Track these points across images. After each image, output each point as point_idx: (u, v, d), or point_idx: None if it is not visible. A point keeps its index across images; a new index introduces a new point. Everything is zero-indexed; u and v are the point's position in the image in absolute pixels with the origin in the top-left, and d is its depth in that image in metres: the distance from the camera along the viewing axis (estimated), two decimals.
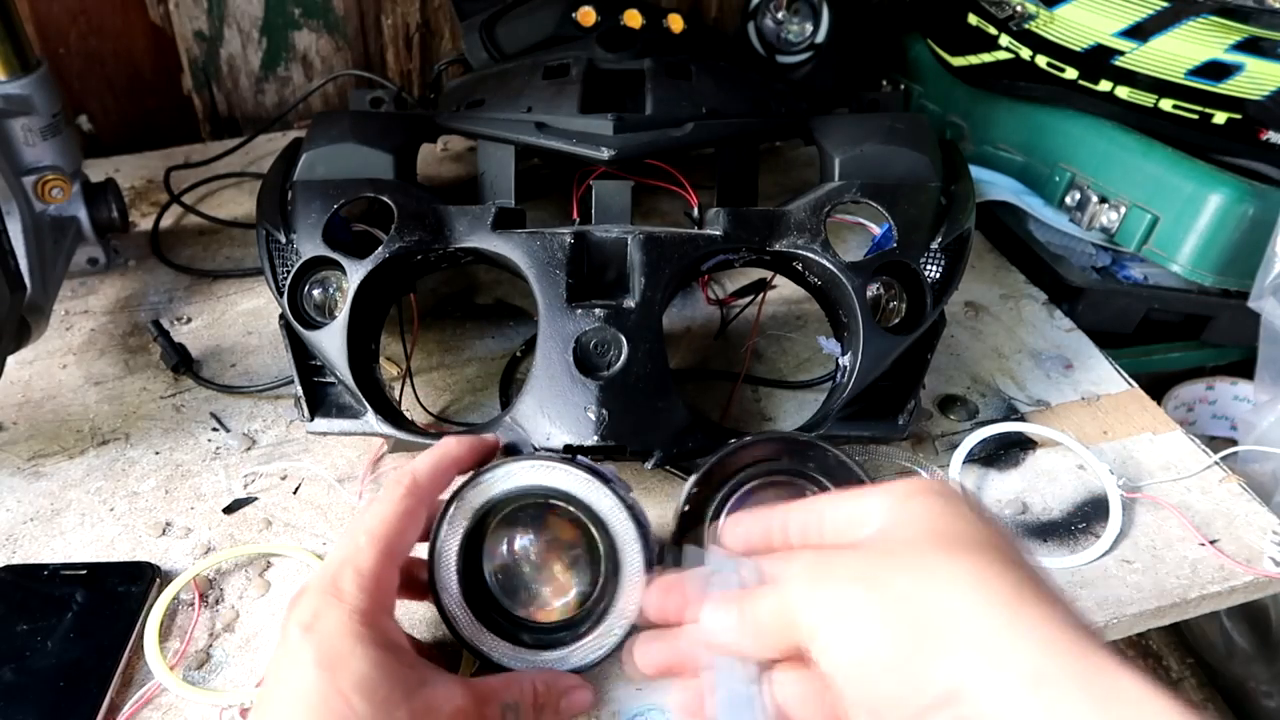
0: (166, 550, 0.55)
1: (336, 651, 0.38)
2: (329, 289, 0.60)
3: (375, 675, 0.37)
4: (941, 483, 0.37)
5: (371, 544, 0.41)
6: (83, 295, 0.76)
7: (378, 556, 0.41)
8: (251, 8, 0.94)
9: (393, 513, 0.42)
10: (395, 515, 0.42)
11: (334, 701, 0.36)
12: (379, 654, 0.38)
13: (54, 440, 0.63)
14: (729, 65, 0.76)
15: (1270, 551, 0.57)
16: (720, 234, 0.58)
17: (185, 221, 0.85)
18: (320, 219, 0.59)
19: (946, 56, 0.90)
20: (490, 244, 0.58)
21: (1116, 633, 0.54)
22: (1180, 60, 0.72)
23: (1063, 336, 0.74)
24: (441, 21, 1.00)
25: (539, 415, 0.53)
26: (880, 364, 0.57)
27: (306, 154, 0.63)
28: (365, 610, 0.39)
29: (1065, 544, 0.57)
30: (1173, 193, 0.73)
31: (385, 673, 0.38)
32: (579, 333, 0.54)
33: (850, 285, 0.57)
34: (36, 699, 0.46)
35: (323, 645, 0.38)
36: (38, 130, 0.70)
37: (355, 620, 0.38)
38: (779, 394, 0.67)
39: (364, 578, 0.40)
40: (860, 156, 0.63)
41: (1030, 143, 0.84)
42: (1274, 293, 0.69)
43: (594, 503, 0.45)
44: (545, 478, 0.45)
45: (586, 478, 0.45)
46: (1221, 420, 0.85)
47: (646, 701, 0.48)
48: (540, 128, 0.65)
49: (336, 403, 0.59)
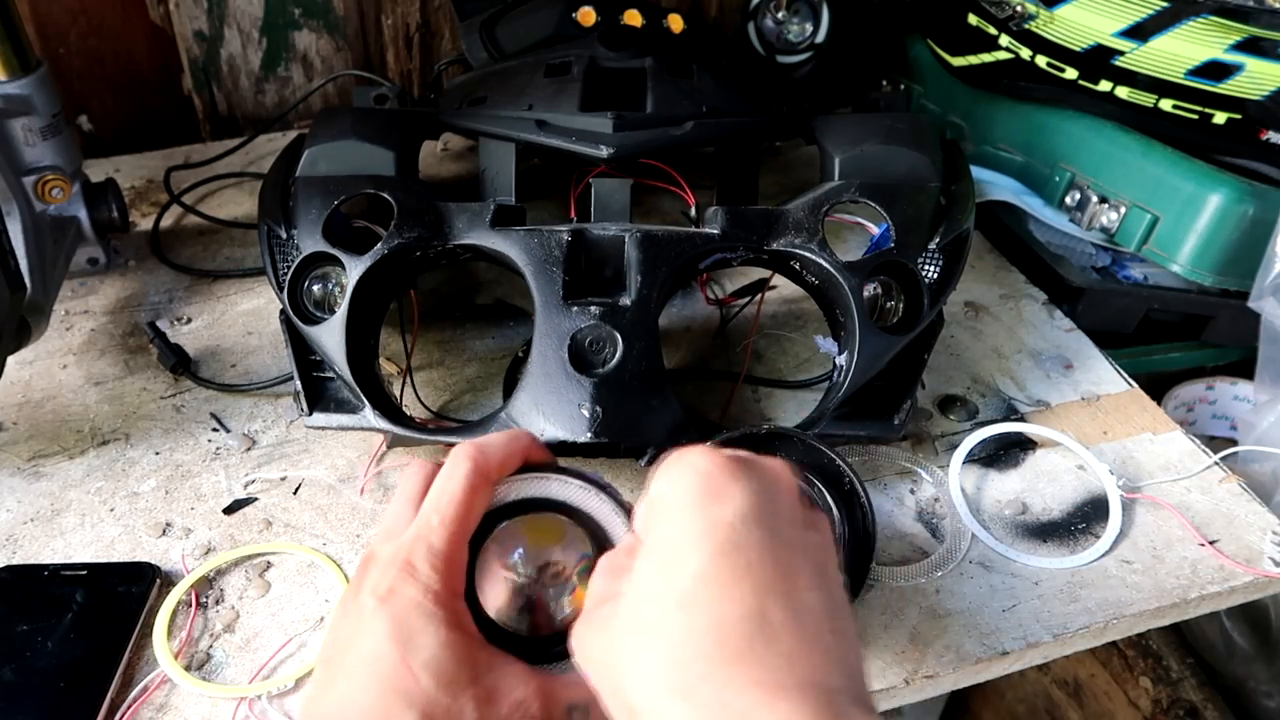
0: (166, 550, 0.55)
1: (410, 627, 0.38)
2: (329, 285, 0.60)
3: (444, 655, 0.37)
4: (680, 526, 0.34)
5: (443, 524, 0.41)
6: (83, 295, 0.76)
7: (449, 537, 0.40)
8: (252, 8, 0.94)
9: (463, 491, 0.41)
10: (465, 494, 0.41)
11: (403, 677, 0.36)
12: (450, 634, 0.38)
13: (54, 440, 0.63)
14: (730, 64, 0.76)
15: (1270, 551, 0.57)
16: (718, 233, 0.59)
17: (185, 221, 0.85)
18: (321, 215, 0.60)
19: (946, 56, 0.89)
20: (489, 241, 0.58)
21: (1116, 633, 0.54)
22: (1180, 60, 0.72)
23: (1063, 336, 0.74)
24: (441, 21, 1.00)
25: (534, 412, 0.53)
26: (876, 363, 0.57)
27: (309, 150, 0.64)
28: (438, 590, 0.39)
29: (1065, 544, 0.57)
30: (1173, 193, 0.73)
31: (454, 654, 0.38)
32: (575, 330, 0.54)
33: (847, 285, 0.57)
34: (36, 699, 0.46)
35: (397, 619, 0.38)
36: (38, 130, 0.70)
37: (429, 599, 0.38)
38: (779, 394, 0.68)
39: (437, 557, 0.40)
40: (860, 156, 0.63)
41: (1030, 143, 0.84)
42: (1274, 293, 0.69)
43: (592, 510, 0.44)
44: (539, 489, 0.44)
45: (581, 485, 0.44)
46: (1221, 420, 0.84)
47: None
48: (541, 125, 0.65)
49: (335, 398, 0.59)
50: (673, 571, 0.33)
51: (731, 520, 0.33)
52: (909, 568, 0.55)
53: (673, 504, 0.35)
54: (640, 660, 0.32)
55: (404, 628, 0.38)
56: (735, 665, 0.30)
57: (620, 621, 0.34)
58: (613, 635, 0.35)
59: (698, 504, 0.34)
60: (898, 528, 0.58)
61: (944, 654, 0.51)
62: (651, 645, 0.32)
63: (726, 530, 0.33)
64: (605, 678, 0.35)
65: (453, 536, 0.40)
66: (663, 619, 0.32)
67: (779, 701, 0.29)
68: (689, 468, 0.35)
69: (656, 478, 0.37)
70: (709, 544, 0.33)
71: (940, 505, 0.59)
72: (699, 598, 0.32)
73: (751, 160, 0.73)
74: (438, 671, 0.37)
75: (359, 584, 0.39)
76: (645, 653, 0.32)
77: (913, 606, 0.53)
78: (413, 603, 0.38)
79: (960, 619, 0.53)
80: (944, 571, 0.55)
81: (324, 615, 0.52)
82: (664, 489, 0.36)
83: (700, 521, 0.33)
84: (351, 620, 0.39)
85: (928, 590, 0.54)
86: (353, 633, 0.39)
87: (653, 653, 0.32)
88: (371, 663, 0.37)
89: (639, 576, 0.34)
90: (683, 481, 0.35)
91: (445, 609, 0.39)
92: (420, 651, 0.37)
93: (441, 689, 0.37)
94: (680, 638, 0.31)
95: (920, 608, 0.53)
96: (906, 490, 0.61)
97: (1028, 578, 0.55)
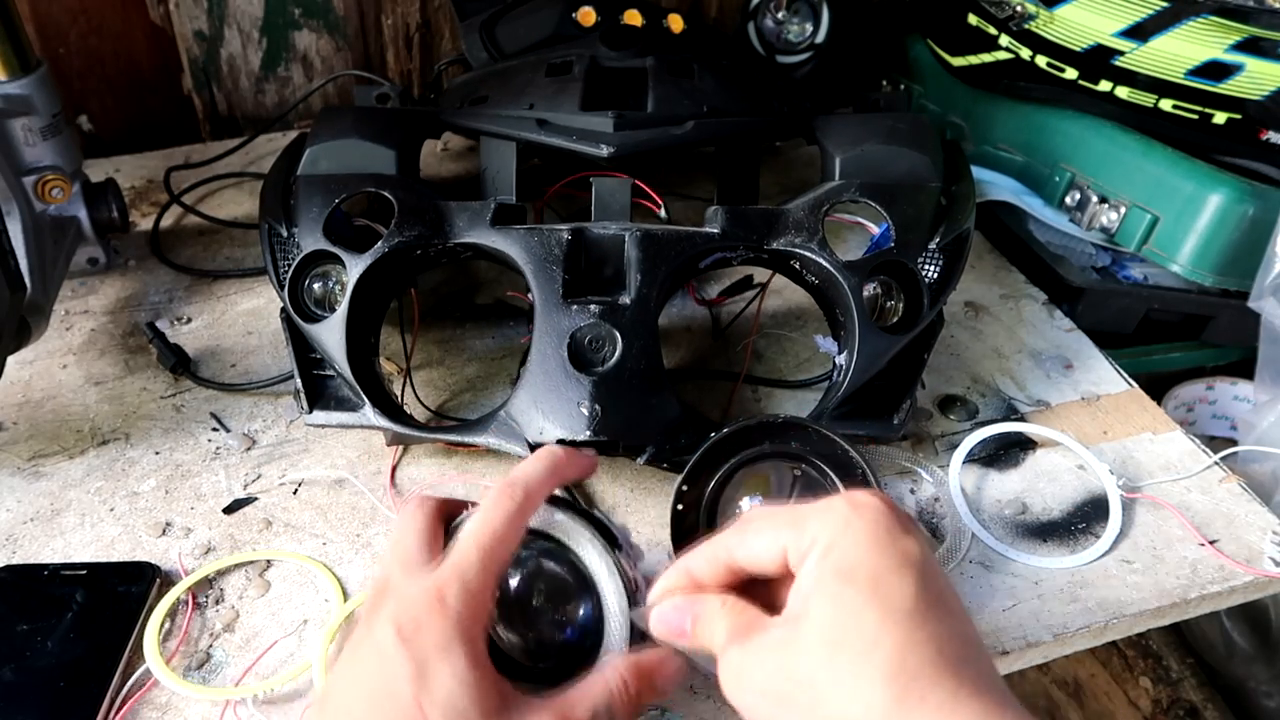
0: (166, 550, 0.55)
1: (431, 667, 0.37)
2: (329, 283, 0.60)
3: (461, 694, 0.37)
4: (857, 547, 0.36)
5: (480, 558, 0.40)
6: (83, 295, 0.76)
7: (483, 573, 0.40)
8: (251, 8, 0.94)
9: (503, 525, 0.41)
10: (504, 528, 0.41)
11: (415, 717, 0.36)
12: (469, 673, 0.37)
13: (54, 440, 0.63)
14: (731, 64, 0.76)
15: (1270, 551, 0.57)
16: (717, 232, 0.59)
17: (185, 221, 0.85)
18: (322, 213, 0.60)
19: (946, 57, 0.90)
20: (489, 239, 0.58)
21: (1116, 633, 0.54)
22: (1180, 60, 0.72)
23: (1063, 336, 0.74)
24: (441, 21, 1.00)
25: (533, 410, 0.53)
26: (876, 363, 0.57)
27: (310, 149, 0.64)
28: (465, 626, 0.38)
29: (1065, 544, 0.57)
30: (1173, 193, 0.73)
31: (472, 694, 0.37)
32: (574, 328, 0.54)
33: (846, 284, 0.57)
34: (36, 699, 0.46)
35: (418, 657, 0.37)
36: (38, 130, 0.70)
37: (454, 636, 0.38)
38: (779, 394, 0.67)
39: (470, 594, 0.39)
40: (861, 156, 0.63)
41: (1030, 143, 0.84)
42: (1274, 293, 0.69)
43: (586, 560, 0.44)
44: (542, 520, 0.44)
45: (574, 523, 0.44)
46: (1221, 420, 0.84)
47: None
48: (541, 124, 0.65)
49: (335, 395, 0.59)
50: (886, 593, 0.34)
51: (921, 553, 0.36)
52: None
53: (864, 536, 0.36)
54: (854, 673, 0.33)
55: (424, 666, 0.37)
56: (958, 676, 0.33)
57: (808, 641, 0.35)
58: (799, 655, 0.35)
59: (893, 537, 0.36)
60: None
61: None
62: (870, 658, 0.33)
63: (920, 560, 0.36)
64: (789, 697, 0.35)
65: (486, 572, 0.40)
66: (883, 634, 0.33)
67: (1006, 711, 0.33)
68: (871, 508, 0.37)
69: (822, 517, 0.37)
70: (914, 571, 0.35)
71: (940, 505, 0.59)
72: (918, 616, 0.34)
73: (752, 160, 0.73)
74: (453, 711, 0.36)
75: (375, 614, 0.39)
76: (862, 665, 0.33)
77: None
78: (438, 640, 0.37)
79: None
80: (944, 571, 0.55)
81: (307, 619, 0.52)
82: (845, 523, 0.36)
83: (898, 553, 0.36)
84: (365, 649, 0.38)
85: None
86: (366, 664, 0.38)
87: (871, 666, 0.33)
88: (384, 700, 0.37)
89: (831, 598, 0.35)
90: (869, 518, 0.36)
91: (468, 644, 0.38)
92: (436, 692, 0.37)
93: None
94: (905, 651, 0.33)
95: None
96: (906, 490, 0.60)
97: (1028, 577, 0.55)
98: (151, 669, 0.48)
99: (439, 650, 0.37)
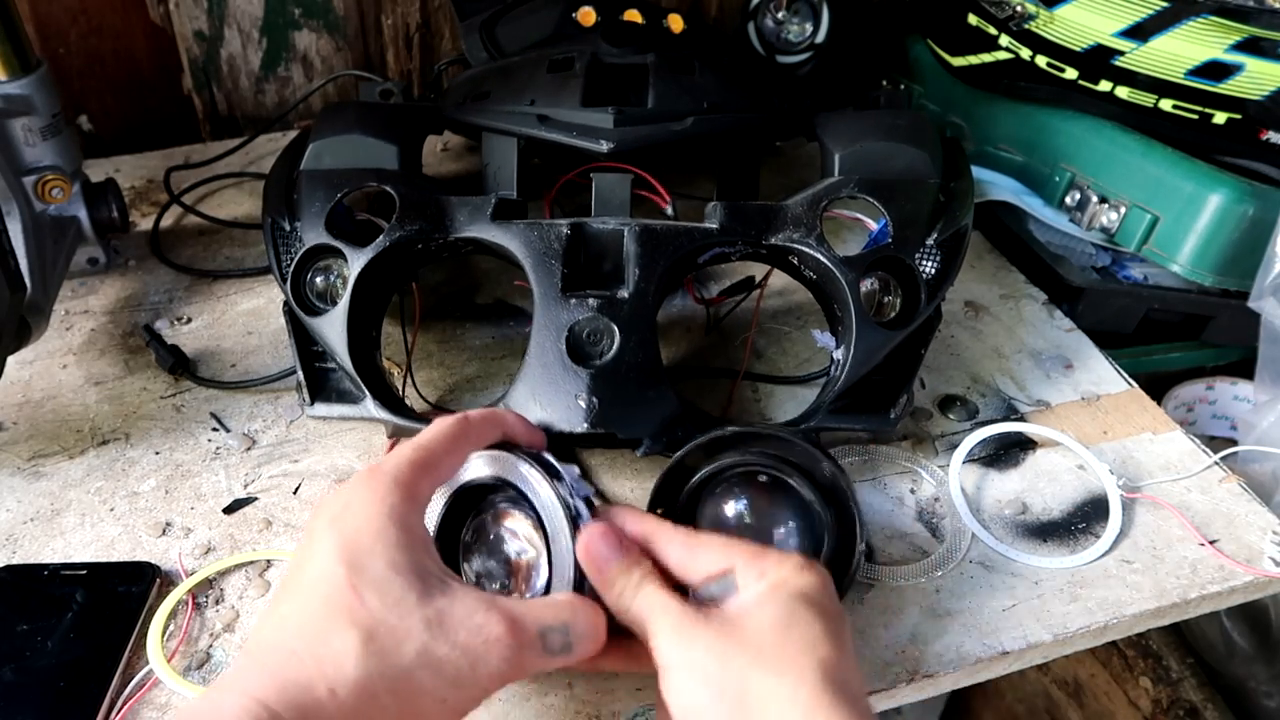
0: (166, 550, 0.55)
1: (358, 547, 0.38)
2: (331, 277, 0.61)
3: (391, 575, 0.37)
4: (809, 585, 0.40)
5: (414, 452, 0.42)
6: (83, 295, 0.76)
7: (416, 466, 0.41)
8: (251, 8, 0.94)
9: (440, 435, 0.43)
10: (442, 437, 0.43)
11: (347, 595, 0.37)
12: (399, 555, 0.38)
13: (54, 440, 0.63)
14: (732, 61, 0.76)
15: (1270, 551, 0.57)
16: (716, 227, 0.59)
17: (185, 221, 0.85)
18: (324, 208, 0.60)
19: (946, 56, 0.90)
20: (489, 234, 0.59)
21: (1116, 633, 0.54)
22: (1180, 60, 0.72)
23: (1063, 336, 0.74)
24: (441, 21, 1.00)
25: (531, 402, 0.54)
26: (873, 358, 0.57)
27: (313, 144, 0.64)
28: (395, 508, 0.39)
29: (1065, 544, 0.57)
30: (1173, 193, 0.73)
31: (402, 574, 0.38)
32: (572, 322, 0.55)
33: (844, 279, 0.57)
34: (36, 699, 0.46)
35: (346, 539, 0.38)
36: (38, 130, 0.70)
37: (384, 517, 0.39)
38: (779, 391, 0.67)
39: (400, 480, 0.40)
40: (860, 152, 0.63)
41: (1030, 143, 0.84)
42: (1274, 293, 0.69)
43: (535, 496, 0.45)
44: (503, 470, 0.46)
45: (529, 468, 0.45)
46: (1221, 420, 0.84)
47: (647, 701, 0.48)
48: (542, 120, 0.65)
49: (336, 388, 0.60)
50: (831, 618, 0.40)
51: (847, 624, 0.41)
52: (909, 567, 0.55)
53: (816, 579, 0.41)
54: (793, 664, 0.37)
55: (352, 547, 0.38)
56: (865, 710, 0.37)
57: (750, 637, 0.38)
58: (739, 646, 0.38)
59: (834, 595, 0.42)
60: (898, 527, 0.58)
61: (944, 654, 0.51)
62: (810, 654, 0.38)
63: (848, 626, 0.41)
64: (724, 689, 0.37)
65: (419, 466, 0.41)
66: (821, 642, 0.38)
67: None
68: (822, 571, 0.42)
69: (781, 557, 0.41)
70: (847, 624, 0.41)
71: (940, 505, 0.59)
72: (849, 647, 0.40)
73: (752, 157, 0.73)
74: (383, 590, 0.37)
75: (316, 512, 0.40)
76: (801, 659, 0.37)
77: (913, 606, 0.53)
78: (365, 520, 0.39)
79: (960, 619, 0.53)
80: (944, 571, 0.55)
81: None
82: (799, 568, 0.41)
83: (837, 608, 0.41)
84: (303, 543, 0.40)
85: (928, 590, 0.54)
86: (303, 555, 0.39)
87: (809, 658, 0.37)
88: (317, 582, 0.37)
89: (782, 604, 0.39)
90: (821, 574, 0.41)
91: (399, 527, 0.39)
92: (367, 571, 0.37)
93: (388, 609, 0.37)
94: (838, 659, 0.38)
95: (920, 607, 0.53)
96: (906, 490, 0.61)
97: (1028, 577, 0.55)
98: (155, 669, 0.48)
99: (366, 532, 0.38)
